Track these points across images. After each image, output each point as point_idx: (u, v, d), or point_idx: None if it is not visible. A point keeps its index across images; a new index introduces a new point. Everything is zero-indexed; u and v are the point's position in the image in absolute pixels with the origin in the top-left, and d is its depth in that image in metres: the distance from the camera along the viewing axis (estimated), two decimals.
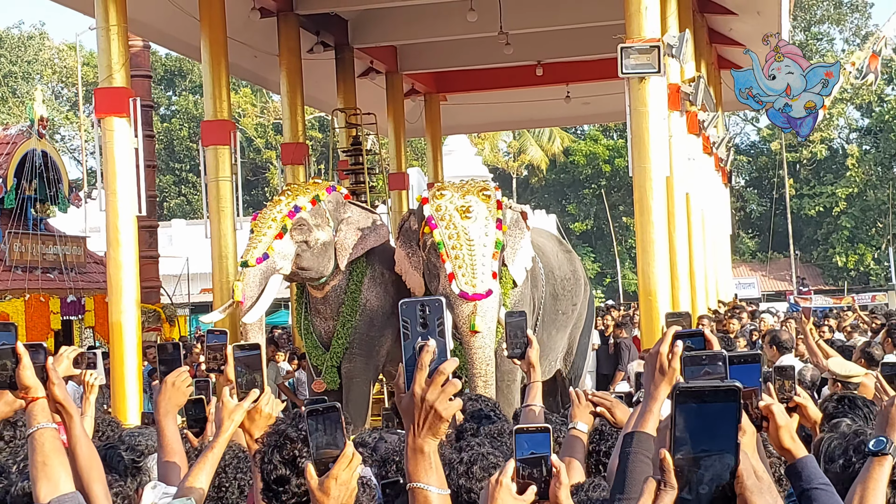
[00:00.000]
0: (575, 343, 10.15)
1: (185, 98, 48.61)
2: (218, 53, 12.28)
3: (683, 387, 1.62)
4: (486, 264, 8.14)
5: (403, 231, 8.89)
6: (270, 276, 8.76)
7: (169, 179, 47.20)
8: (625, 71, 9.81)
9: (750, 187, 49.91)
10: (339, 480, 2.07)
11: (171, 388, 3.06)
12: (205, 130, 12.51)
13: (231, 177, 12.31)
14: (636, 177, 10.08)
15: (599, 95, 19.70)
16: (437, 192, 8.50)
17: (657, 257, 9.95)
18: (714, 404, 1.60)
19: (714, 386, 1.62)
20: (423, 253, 8.44)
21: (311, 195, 9.06)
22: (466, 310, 7.93)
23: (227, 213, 12.25)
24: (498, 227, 8.33)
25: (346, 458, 2.09)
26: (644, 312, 10.05)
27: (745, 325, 13.90)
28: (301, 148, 14.56)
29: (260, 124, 46.32)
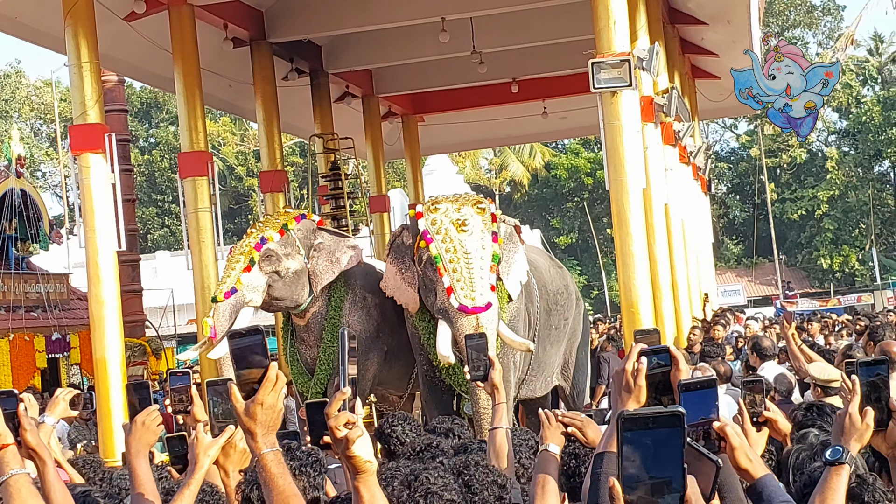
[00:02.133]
0: (572, 357, 10.13)
1: (163, 129, 48.60)
2: (192, 85, 12.29)
3: (628, 414, 1.63)
4: (484, 277, 8.11)
5: (395, 247, 8.84)
6: (240, 309, 8.78)
7: (151, 211, 47.11)
8: (597, 86, 9.85)
9: (732, 193, 50.12)
10: (265, 404, 2.16)
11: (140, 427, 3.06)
12: (182, 162, 12.50)
13: (210, 207, 12.29)
14: (613, 190, 10.10)
15: (576, 109, 19.77)
16: (432, 205, 8.47)
17: (637, 269, 9.96)
18: (659, 430, 1.62)
19: (657, 412, 1.63)
20: (419, 268, 8.40)
21: (279, 226, 9.07)
22: (467, 323, 7.90)
23: (207, 244, 12.23)
24: (494, 240, 8.31)
25: (270, 381, 2.17)
26: (627, 325, 10.06)
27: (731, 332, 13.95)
28: (280, 175, 14.56)
29: (241, 152, 46.32)
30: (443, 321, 8.05)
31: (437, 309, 8.12)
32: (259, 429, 2.21)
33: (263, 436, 2.22)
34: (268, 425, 2.20)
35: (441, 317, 8.07)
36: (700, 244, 18.90)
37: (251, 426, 2.20)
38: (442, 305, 8.07)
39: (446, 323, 8.02)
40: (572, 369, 10.16)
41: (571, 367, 10.14)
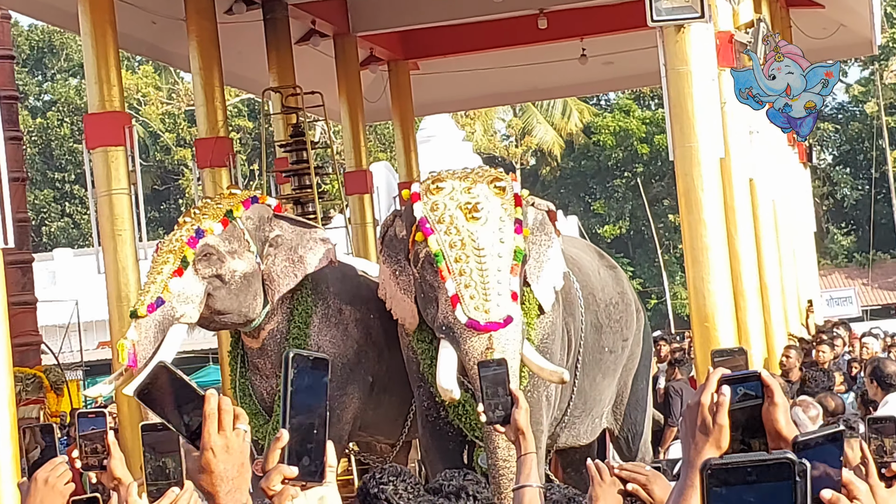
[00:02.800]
0: (626, 390, 10.10)
1: (61, 83, 48.69)
2: (102, 21, 12.32)
3: (717, 463, 1.63)
4: (502, 282, 8.07)
5: (387, 241, 8.80)
6: (169, 327, 8.80)
7: (47, 195, 47.22)
8: (656, 18, 9.89)
9: (840, 165, 50.18)
10: (218, 449, 2.17)
11: (43, 487, 3.07)
12: (90, 127, 12.52)
13: (129, 188, 12.33)
14: (679, 161, 10.12)
15: (626, 52, 19.77)
16: (433, 185, 8.42)
17: (713, 269, 9.98)
18: (760, 485, 1.62)
19: (758, 460, 1.63)
20: (416, 269, 8.38)
21: (221, 213, 9.08)
22: (478, 345, 7.86)
23: (125, 239, 12.26)
24: (517, 231, 8.27)
25: (212, 416, 2.18)
26: (699, 345, 10.09)
27: (842, 354, 13.97)
28: (222, 144, 14.59)
29: (168, 113, 46.42)
30: (445, 342, 8.04)
31: (439, 325, 8.12)
32: (221, 486, 2.20)
33: (228, 494, 2.21)
34: (231, 478, 2.19)
35: (444, 336, 8.07)
36: (798, 234, 18.91)
37: (209, 486, 2.19)
38: (445, 320, 8.05)
39: (450, 344, 8.01)
40: (625, 405, 10.16)
41: (625, 402, 10.15)
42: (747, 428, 2.24)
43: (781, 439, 2.23)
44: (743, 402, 2.25)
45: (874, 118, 46.32)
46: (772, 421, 2.24)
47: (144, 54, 21.61)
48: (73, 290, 27.78)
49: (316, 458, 2.15)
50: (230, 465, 2.20)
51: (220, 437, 2.19)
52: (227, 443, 2.21)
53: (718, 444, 2.23)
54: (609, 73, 22.25)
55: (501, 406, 3.65)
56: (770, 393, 2.25)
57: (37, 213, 44.33)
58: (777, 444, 2.24)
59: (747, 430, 2.24)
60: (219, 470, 2.20)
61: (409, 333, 8.79)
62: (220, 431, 2.20)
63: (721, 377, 2.27)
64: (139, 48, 17.51)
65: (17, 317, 13.73)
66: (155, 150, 46.08)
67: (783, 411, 2.24)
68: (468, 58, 20.96)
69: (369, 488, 4.73)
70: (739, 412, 2.24)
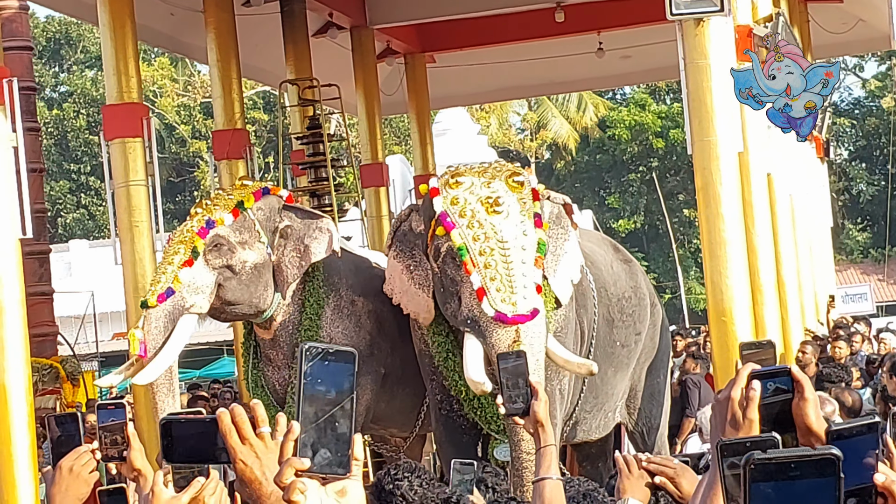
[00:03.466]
0: (640, 384, 10.10)
1: (78, 75, 48.78)
2: (121, 13, 12.33)
3: (760, 458, 1.62)
4: (527, 274, 8.09)
5: (400, 236, 8.83)
6: (179, 317, 8.81)
7: (64, 186, 47.35)
8: (675, 11, 9.87)
9: (856, 160, 50.05)
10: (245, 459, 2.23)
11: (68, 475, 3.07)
12: (108, 118, 12.55)
13: (146, 180, 12.36)
14: (697, 154, 10.10)
15: (643, 45, 19.76)
16: (452, 179, 8.44)
17: (731, 263, 9.96)
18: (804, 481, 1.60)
19: (802, 454, 1.61)
20: (436, 264, 8.39)
21: (232, 204, 9.08)
22: (505, 338, 7.89)
23: (142, 230, 12.28)
24: (537, 225, 8.31)
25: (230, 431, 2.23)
26: (716, 339, 10.05)
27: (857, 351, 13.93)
28: (239, 136, 14.61)
29: (184, 105, 46.48)
30: (471, 335, 8.05)
31: (464, 319, 8.12)
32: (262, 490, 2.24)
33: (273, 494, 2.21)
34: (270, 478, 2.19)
35: (469, 329, 8.07)
36: (815, 229, 18.86)
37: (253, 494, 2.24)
38: (471, 314, 8.06)
39: (477, 338, 8.02)
40: (640, 399, 10.15)
41: (639, 397, 10.13)
42: (777, 423, 2.23)
43: (811, 434, 2.22)
44: (773, 396, 2.24)
45: (891, 113, 46.18)
46: (802, 416, 2.23)
47: (162, 46, 21.63)
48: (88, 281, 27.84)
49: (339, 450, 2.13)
50: (266, 468, 2.24)
51: (244, 448, 2.24)
52: (254, 450, 2.25)
53: None
54: (626, 67, 22.22)
55: (521, 398, 3.66)
56: (800, 388, 2.24)
57: (52, 204, 44.43)
58: (807, 440, 2.24)
59: (777, 425, 2.23)
60: (255, 476, 2.24)
61: (422, 328, 8.79)
62: (244, 442, 2.24)
63: (751, 372, 2.27)
64: (157, 40, 17.56)
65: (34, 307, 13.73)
66: (170, 142, 46.15)
67: (813, 406, 2.23)
68: (485, 51, 20.95)
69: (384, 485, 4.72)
70: (769, 407, 2.23)
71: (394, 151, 35.44)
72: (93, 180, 46.33)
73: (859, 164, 49.92)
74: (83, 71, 49.10)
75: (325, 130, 16.41)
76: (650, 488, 3.17)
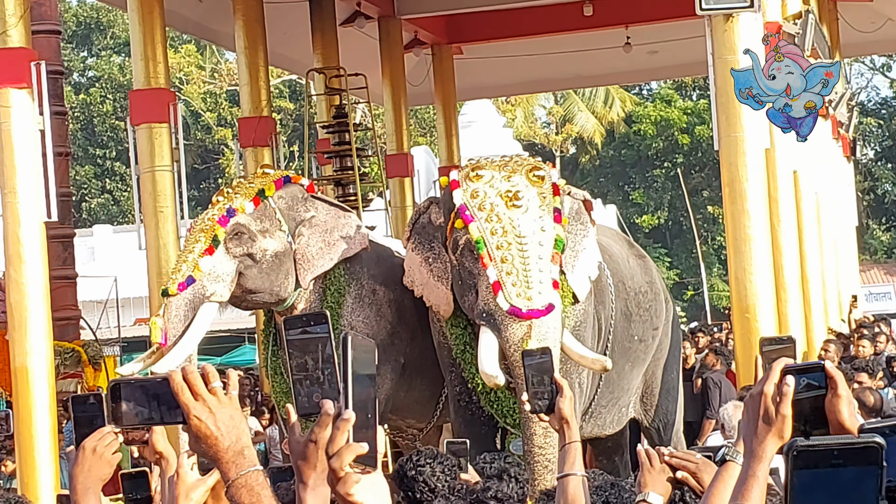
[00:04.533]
0: (656, 380, 10.11)
1: (106, 60, 48.91)
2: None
3: (803, 445, 1.62)
4: (543, 270, 8.11)
5: (419, 228, 8.86)
6: (200, 305, 8.82)
7: (88, 171, 47.50)
8: (705, 6, 9.85)
9: (882, 160, 49.81)
10: (199, 414, 2.30)
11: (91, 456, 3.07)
12: (135, 103, 12.59)
13: (172, 165, 12.39)
14: (724, 151, 10.08)
15: (671, 41, 19.69)
16: (472, 172, 8.47)
17: (756, 260, 9.95)
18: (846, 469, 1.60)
19: (846, 442, 1.61)
20: (454, 256, 8.41)
21: (253, 192, 9.09)
22: (518, 332, 7.91)
23: (167, 216, 12.32)
24: (556, 220, 8.31)
25: (182, 388, 2.31)
26: (739, 337, 10.05)
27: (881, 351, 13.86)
28: (265, 124, 14.63)
29: (209, 93, 46.56)
30: (486, 329, 8.06)
31: (479, 312, 8.13)
32: (220, 444, 2.31)
33: (230, 448, 2.32)
34: (226, 432, 2.30)
35: (484, 323, 8.08)
36: (840, 228, 18.79)
37: (209, 449, 2.31)
38: (486, 307, 8.08)
39: (492, 331, 8.02)
40: (657, 395, 10.14)
41: (656, 393, 10.13)
42: (810, 419, 2.23)
43: (844, 431, 2.21)
44: (806, 392, 2.23)
45: None
46: (835, 412, 2.22)
47: (190, 32, 21.66)
48: (112, 266, 27.90)
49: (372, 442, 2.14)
50: (220, 422, 2.31)
51: (197, 403, 2.30)
52: (207, 405, 2.30)
53: (781, 434, 2.21)
54: (653, 62, 22.17)
55: (545, 395, 3.67)
56: (834, 384, 2.23)
57: (77, 188, 44.58)
58: None
59: (810, 421, 2.22)
60: (210, 431, 2.30)
61: (440, 320, 8.80)
62: (197, 399, 2.30)
63: (784, 367, 2.25)
64: (185, 26, 17.57)
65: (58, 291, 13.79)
66: (196, 129, 46.23)
67: (847, 403, 2.22)
68: (512, 43, 20.93)
69: (406, 470, 4.72)
70: (802, 403, 2.23)
71: (419, 142, 35.43)
72: (118, 166, 46.44)
73: (885, 165, 49.68)
74: (111, 56, 49.18)
75: (351, 120, 16.43)
76: (672, 483, 3.15)
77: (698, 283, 41.41)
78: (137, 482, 3.67)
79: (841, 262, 18.57)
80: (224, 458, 2.32)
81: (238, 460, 2.31)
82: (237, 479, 2.30)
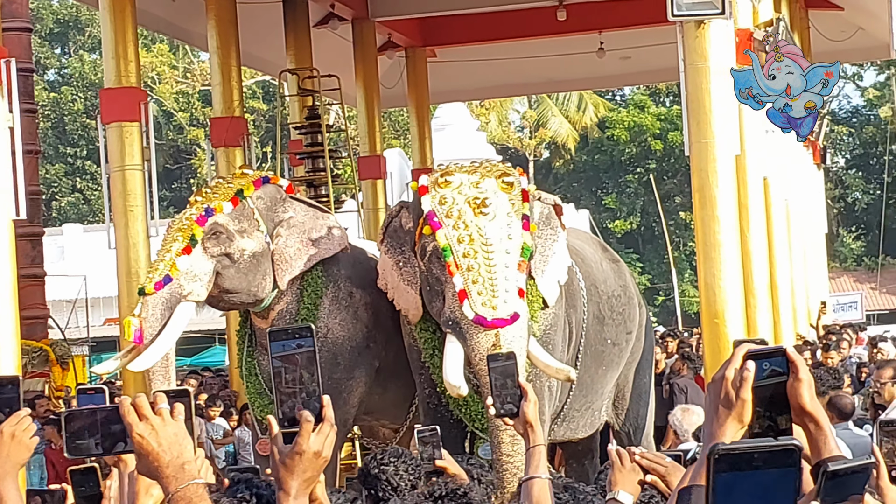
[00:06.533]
0: (628, 385, 10.14)
1: (79, 59, 48.70)
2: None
3: (724, 449, 1.65)
4: (509, 278, 8.10)
5: (391, 231, 8.87)
6: (176, 304, 8.81)
7: (58, 170, 47.27)
8: (677, 12, 9.88)
9: (853, 169, 50.09)
10: (143, 433, 2.43)
11: (9, 441, 3.06)
12: (106, 102, 12.54)
13: (143, 165, 12.34)
14: (695, 157, 10.11)
15: (644, 47, 19.75)
16: (441, 178, 8.45)
17: (725, 266, 9.97)
18: (766, 471, 1.63)
19: (765, 446, 1.64)
20: (422, 262, 8.42)
21: (231, 192, 9.08)
22: (484, 341, 7.91)
23: (137, 215, 12.27)
24: (524, 227, 8.30)
25: (129, 411, 2.43)
26: (709, 342, 10.07)
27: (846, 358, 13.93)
28: (237, 124, 14.60)
29: (182, 93, 46.42)
30: (452, 336, 8.07)
31: (446, 320, 8.15)
32: (160, 460, 2.42)
33: (171, 464, 2.42)
34: (168, 448, 2.42)
35: (450, 330, 8.09)
36: (810, 235, 18.89)
37: (150, 466, 2.42)
38: (452, 315, 8.09)
39: (457, 339, 8.03)
40: (628, 399, 10.18)
41: (627, 397, 10.17)
42: (773, 404, 2.23)
43: (806, 415, 2.23)
44: (769, 378, 2.24)
45: (888, 123, 46.22)
46: (797, 396, 2.23)
47: (163, 31, 21.60)
48: (81, 265, 27.80)
49: None
50: (163, 439, 2.42)
51: (141, 424, 2.42)
52: (149, 423, 2.42)
53: (741, 418, 2.22)
54: (626, 68, 22.22)
55: (510, 399, 3.69)
56: (795, 369, 2.24)
57: (48, 187, 44.35)
58: (801, 421, 2.24)
59: (773, 405, 2.23)
60: (151, 448, 2.42)
61: (410, 323, 8.81)
62: (142, 420, 2.42)
63: (746, 352, 2.27)
64: (157, 25, 17.52)
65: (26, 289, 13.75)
66: (168, 129, 46.07)
67: (808, 387, 2.23)
68: (486, 47, 20.95)
69: (370, 469, 4.73)
70: (765, 388, 2.23)
71: (392, 145, 35.41)
72: (89, 164, 46.24)
73: (856, 173, 49.96)
74: (85, 55, 48.96)
75: (324, 121, 16.41)
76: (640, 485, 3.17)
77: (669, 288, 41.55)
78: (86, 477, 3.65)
79: (810, 269, 18.66)
80: (165, 474, 2.42)
81: (179, 474, 2.41)
82: (177, 492, 2.41)
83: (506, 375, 3.69)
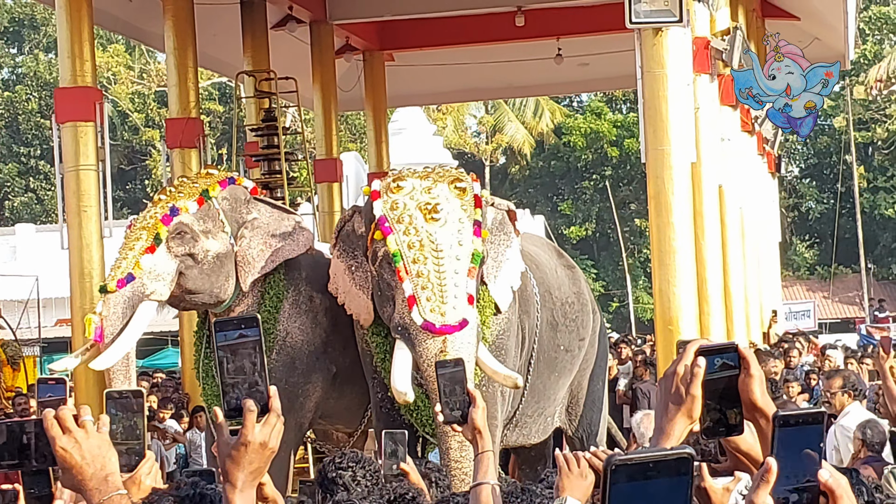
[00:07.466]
0: (582, 391, 10.18)
1: (34, 58, 48.33)
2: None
3: (620, 460, 1.67)
4: (459, 284, 8.11)
5: (344, 235, 8.87)
6: (138, 303, 8.78)
7: (12, 169, 46.89)
8: (635, 20, 9.92)
9: (807, 178, 50.48)
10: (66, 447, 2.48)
11: None
12: (60, 101, 12.45)
13: (97, 165, 12.27)
14: (651, 164, 10.16)
15: (602, 54, 19.83)
16: (394, 183, 8.47)
17: (680, 273, 10.03)
18: (660, 480, 1.66)
19: (660, 455, 1.67)
20: (374, 267, 8.42)
21: (197, 192, 9.05)
22: (432, 347, 7.92)
23: (90, 216, 12.19)
24: (476, 233, 8.31)
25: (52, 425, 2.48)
26: (662, 348, 10.12)
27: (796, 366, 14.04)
28: (193, 125, 14.53)
29: (138, 93, 46.16)
30: (401, 342, 8.08)
31: (395, 325, 8.16)
32: (84, 474, 2.46)
33: (94, 476, 2.46)
34: (91, 461, 2.45)
35: (399, 336, 8.10)
36: (764, 243, 19.02)
37: (74, 479, 2.46)
38: (401, 321, 8.09)
39: (406, 345, 8.03)
40: (582, 405, 10.20)
41: (581, 403, 10.19)
42: (724, 398, 2.26)
43: (756, 410, 2.26)
44: (719, 372, 2.27)
45: (842, 133, 46.59)
46: (748, 392, 2.26)
47: (119, 31, 21.49)
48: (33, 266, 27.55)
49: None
50: (86, 452, 2.45)
51: (65, 437, 2.45)
52: (73, 436, 2.46)
53: (690, 413, 2.25)
54: (583, 75, 22.32)
55: (459, 405, 3.69)
56: (746, 364, 2.27)
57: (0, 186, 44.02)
58: (752, 415, 2.27)
59: (724, 400, 2.26)
60: (75, 461, 2.46)
61: (363, 328, 8.80)
62: (66, 433, 2.46)
63: (698, 348, 2.28)
64: (114, 25, 17.43)
65: None
66: (123, 129, 45.80)
67: (759, 383, 2.26)
68: (444, 52, 20.98)
69: (328, 472, 4.71)
70: (716, 382, 2.26)
71: (349, 148, 35.36)
72: (42, 164, 45.90)
73: (810, 182, 50.34)
74: (40, 54, 48.60)
75: (281, 123, 16.38)
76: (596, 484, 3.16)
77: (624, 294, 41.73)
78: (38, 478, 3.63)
79: (764, 276, 18.79)
80: (88, 486, 2.46)
81: (102, 486, 2.45)
82: (100, 503, 2.45)
83: (454, 382, 3.70)
